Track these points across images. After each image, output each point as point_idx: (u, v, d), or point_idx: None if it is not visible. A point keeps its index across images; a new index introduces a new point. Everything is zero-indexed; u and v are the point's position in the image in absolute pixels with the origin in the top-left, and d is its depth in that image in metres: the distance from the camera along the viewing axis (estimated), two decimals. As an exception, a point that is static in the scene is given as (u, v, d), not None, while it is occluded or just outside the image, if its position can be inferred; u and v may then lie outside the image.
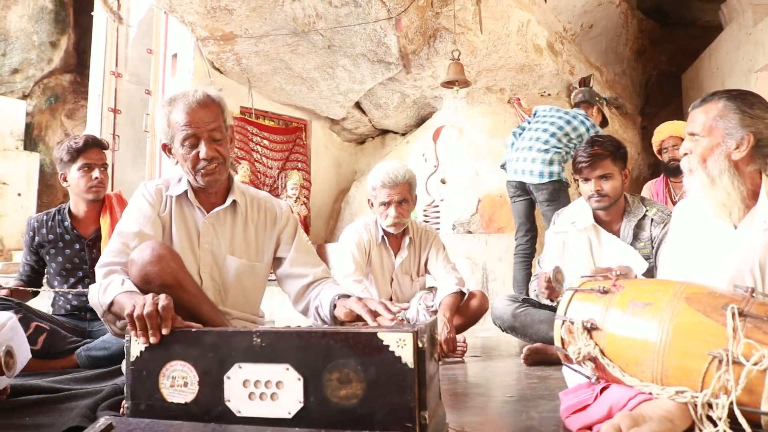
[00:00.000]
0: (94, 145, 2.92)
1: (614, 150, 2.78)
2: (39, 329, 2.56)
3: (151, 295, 1.50)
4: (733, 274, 1.66)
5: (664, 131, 4.36)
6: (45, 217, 2.99)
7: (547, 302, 2.77)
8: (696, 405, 1.47)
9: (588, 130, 4.52)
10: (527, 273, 4.42)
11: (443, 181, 6.14)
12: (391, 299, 3.32)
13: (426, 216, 5.78)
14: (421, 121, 7.07)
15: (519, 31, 6.28)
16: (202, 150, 1.98)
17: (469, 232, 5.69)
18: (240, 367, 1.40)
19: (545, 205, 4.32)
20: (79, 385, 2.26)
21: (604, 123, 4.93)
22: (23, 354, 2.03)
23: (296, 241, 2.19)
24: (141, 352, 1.46)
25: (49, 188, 10.69)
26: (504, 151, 4.80)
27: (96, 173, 2.89)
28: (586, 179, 2.76)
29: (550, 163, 4.33)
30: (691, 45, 7.81)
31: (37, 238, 2.95)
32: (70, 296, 2.88)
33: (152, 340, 1.42)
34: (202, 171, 2.00)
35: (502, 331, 3.09)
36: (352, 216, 6.91)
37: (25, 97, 10.96)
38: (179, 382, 1.44)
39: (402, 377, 1.30)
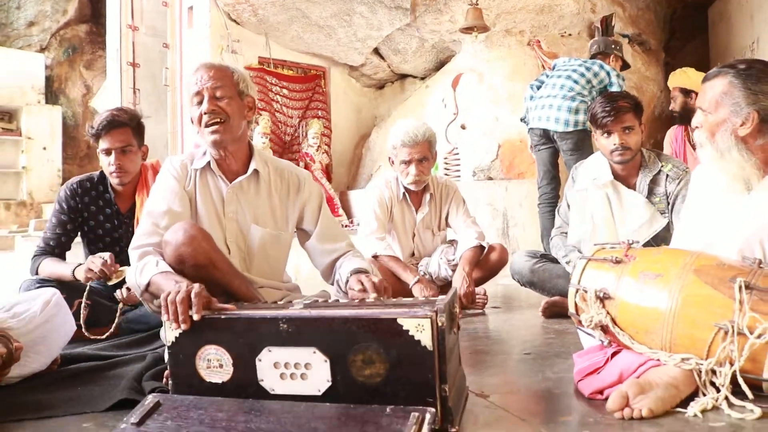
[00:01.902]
0: (109, 127, 2.71)
1: (634, 103, 2.80)
2: (81, 306, 2.65)
3: (185, 282, 1.60)
4: (743, 244, 1.71)
5: (670, 81, 4.38)
6: (88, 184, 2.84)
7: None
8: (700, 372, 1.56)
9: (608, 73, 4.50)
10: (554, 221, 4.46)
11: (463, 127, 6.14)
12: (413, 254, 3.43)
13: (447, 163, 5.82)
14: (440, 65, 7.01)
15: (538, -30, 6.15)
16: (204, 105, 2.05)
17: (490, 179, 5.73)
18: (270, 351, 1.50)
19: (569, 154, 4.31)
20: (122, 351, 2.40)
21: (625, 66, 4.88)
22: (68, 329, 2.17)
23: (322, 216, 2.26)
24: (176, 337, 1.56)
25: (72, 140, 10.85)
26: (523, 103, 4.76)
27: (112, 158, 2.73)
28: (609, 132, 2.77)
29: (576, 111, 4.28)
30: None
31: (79, 205, 2.81)
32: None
33: (183, 326, 1.52)
34: (206, 128, 2.07)
35: (521, 285, 3.18)
36: (374, 162, 6.97)
37: (42, 50, 11.01)
38: (215, 363, 1.55)
39: (422, 358, 1.40)
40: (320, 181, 6.37)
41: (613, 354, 1.78)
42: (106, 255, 2.60)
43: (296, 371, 1.50)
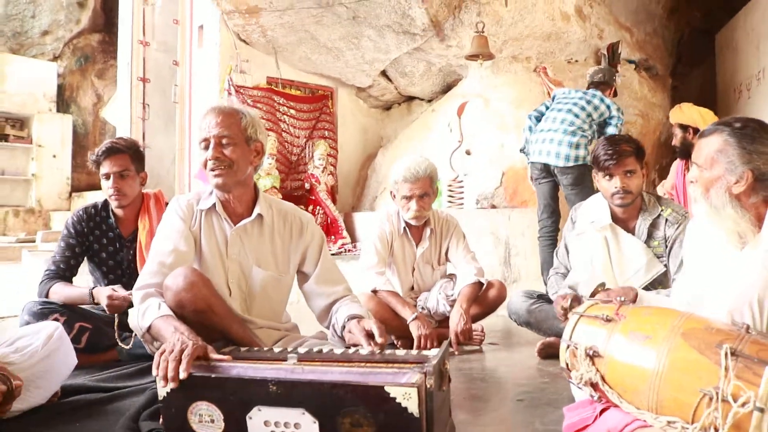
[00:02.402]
0: (108, 153, 2.92)
1: (636, 148, 2.82)
2: (82, 329, 2.72)
3: (183, 336, 1.64)
4: (733, 304, 1.74)
5: (671, 117, 4.42)
6: (93, 210, 3.02)
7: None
8: (686, 436, 1.59)
9: (609, 107, 4.58)
10: (552, 254, 4.48)
11: (468, 152, 6.18)
12: (412, 288, 3.46)
13: (451, 191, 5.85)
14: (447, 88, 7.07)
15: (546, -1, 6.20)
16: (209, 152, 2.12)
17: (493, 206, 5.76)
18: (260, 410, 1.53)
19: (569, 189, 4.37)
20: (122, 383, 2.45)
21: (614, 95, 5.00)
22: (69, 362, 2.21)
23: (322, 259, 2.31)
24: (167, 392, 1.59)
25: (82, 149, 10.93)
26: (522, 133, 4.81)
27: (111, 182, 2.91)
28: (611, 175, 2.79)
29: (577, 146, 4.36)
30: (728, 1, 7.52)
31: (85, 230, 2.96)
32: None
33: (171, 384, 1.56)
34: (211, 172, 2.14)
35: (518, 325, 3.21)
36: (379, 183, 7.01)
37: (55, 58, 11.12)
38: (206, 419, 1.59)
39: (408, 425, 1.42)
40: (325, 203, 6.41)
41: (603, 410, 1.81)
42: (124, 292, 2.67)
43: (286, 430, 1.53)
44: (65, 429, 1.95)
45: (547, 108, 4.71)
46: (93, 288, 2.77)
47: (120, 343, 2.74)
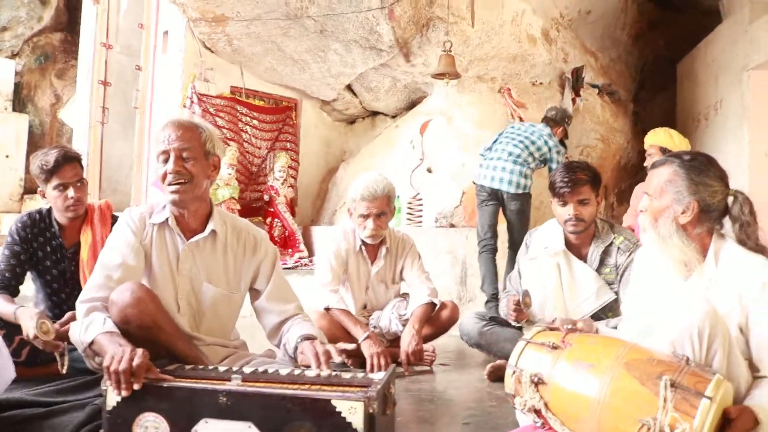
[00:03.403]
0: (65, 162, 2.79)
1: (592, 177, 2.87)
2: (23, 342, 2.63)
3: (129, 349, 1.62)
4: (675, 336, 1.77)
5: (647, 139, 4.51)
6: (37, 216, 2.92)
7: (514, 323, 2.90)
8: (625, 464, 1.61)
9: (550, 149, 4.79)
10: (495, 267, 4.64)
11: (429, 170, 6.21)
12: (365, 306, 3.45)
13: (410, 208, 5.86)
14: (411, 105, 7.10)
15: (513, 21, 6.29)
16: (169, 165, 2.08)
17: (452, 225, 5.79)
18: (206, 422, 1.54)
19: (515, 214, 4.60)
20: (62, 397, 2.36)
21: (565, 137, 5.24)
22: (6, 375, 2.14)
23: (274, 276, 2.29)
24: (117, 402, 1.59)
25: (37, 149, 10.58)
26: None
27: (71, 192, 2.80)
28: (565, 203, 2.84)
29: (525, 176, 4.61)
30: (691, 30, 7.68)
31: (29, 236, 2.87)
32: (50, 303, 2.93)
33: (124, 393, 1.56)
34: (168, 186, 2.10)
35: (469, 346, 3.23)
36: (339, 197, 6.99)
37: (13, 56, 10.84)
38: (151, 431, 1.57)
39: (352, 441, 1.43)
40: (283, 215, 6.37)
41: (545, 437, 1.82)
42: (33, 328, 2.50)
43: None
44: (-2, 446, 1.89)
45: (497, 141, 4.92)
46: (18, 308, 2.61)
47: (58, 358, 2.63)
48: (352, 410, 1.46)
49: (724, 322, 1.75)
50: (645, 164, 4.56)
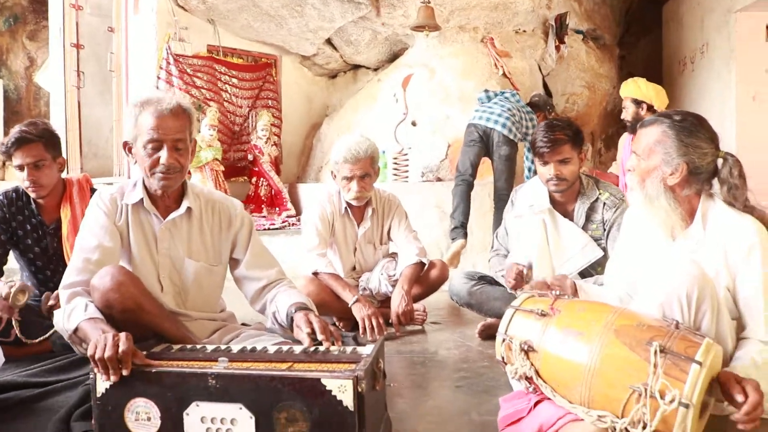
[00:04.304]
0: (18, 144, 2.72)
1: (573, 135, 2.82)
2: (10, 322, 2.62)
3: (111, 335, 1.59)
4: (664, 299, 1.76)
5: (622, 90, 4.50)
6: (14, 195, 2.87)
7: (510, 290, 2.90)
8: (615, 429, 1.62)
9: (534, 126, 4.88)
10: (468, 200, 4.71)
11: (414, 123, 6.14)
12: (354, 268, 3.43)
13: (396, 164, 5.81)
14: (393, 57, 6.97)
15: (494, -33, 6.14)
16: (163, 156, 2.03)
17: (439, 179, 5.76)
18: (197, 405, 1.54)
19: (503, 160, 4.64)
20: (54, 377, 2.35)
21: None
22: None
23: (251, 244, 2.27)
24: (106, 389, 1.57)
25: (15, 115, 10.46)
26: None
27: (26, 174, 2.74)
28: (546, 163, 2.82)
29: (516, 128, 4.72)
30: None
31: (7, 215, 2.83)
32: (36, 282, 2.90)
33: (113, 379, 1.54)
34: (159, 175, 2.06)
35: (459, 306, 3.23)
36: (324, 154, 6.92)
37: (-19, 19, 10.53)
38: (143, 417, 1.58)
39: (343, 419, 1.45)
40: (268, 174, 6.30)
41: (537, 402, 1.83)
42: (3, 288, 2.53)
43: (222, 426, 1.54)
44: (-7, 430, 1.88)
45: (495, 95, 5.05)
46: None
47: (24, 341, 2.61)
48: (342, 388, 1.46)
49: (712, 284, 1.74)
50: (622, 116, 4.56)
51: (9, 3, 10.87)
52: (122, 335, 1.59)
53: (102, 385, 1.58)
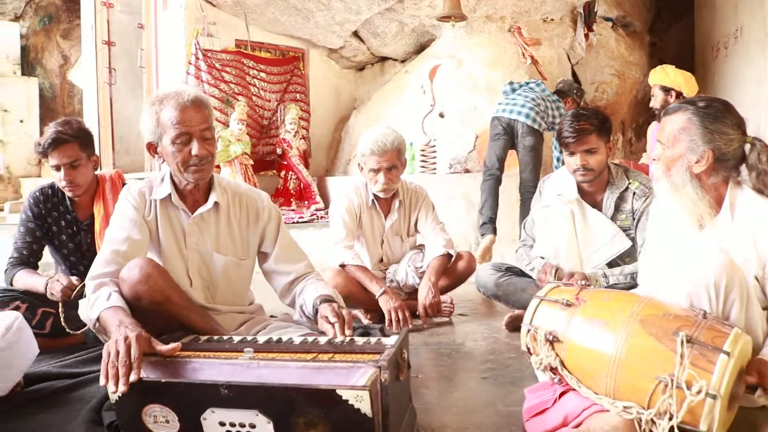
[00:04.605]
0: (56, 145, 2.75)
1: (600, 124, 2.79)
2: (46, 314, 2.68)
3: (123, 338, 1.55)
4: (690, 290, 1.74)
5: (651, 78, 4.44)
6: (50, 191, 2.91)
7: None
8: (641, 421, 1.60)
9: (562, 116, 4.82)
10: (496, 195, 4.74)
11: (441, 115, 6.12)
12: (381, 260, 3.44)
13: (424, 156, 5.79)
14: (420, 48, 6.95)
15: (521, -45, 6.08)
16: (195, 148, 2.05)
17: (467, 171, 5.73)
18: (213, 412, 1.50)
19: (528, 150, 4.65)
20: (88, 367, 2.41)
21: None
22: (30, 353, 2.17)
23: (280, 238, 2.29)
24: (119, 397, 1.54)
25: (50, 113, 10.66)
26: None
27: (62, 174, 2.78)
28: (572, 153, 2.79)
29: (542, 118, 4.72)
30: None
31: (43, 212, 2.88)
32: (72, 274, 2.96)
33: (122, 389, 1.48)
34: (192, 168, 2.08)
35: (486, 297, 3.22)
36: (352, 147, 6.93)
37: (17, 18, 10.73)
38: (161, 420, 1.55)
39: (362, 425, 1.41)
40: (297, 167, 6.34)
41: (562, 393, 1.82)
42: (65, 280, 2.60)
43: (242, 429, 1.51)
44: (29, 420, 1.93)
45: (520, 86, 5.04)
46: (49, 279, 2.66)
47: (68, 330, 2.67)
48: (359, 398, 1.41)
49: (741, 272, 1.71)
50: (651, 105, 4.51)
51: (44, 3, 11.06)
52: (133, 338, 1.55)
53: (113, 395, 1.53)
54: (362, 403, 1.40)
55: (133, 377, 1.49)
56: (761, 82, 5.67)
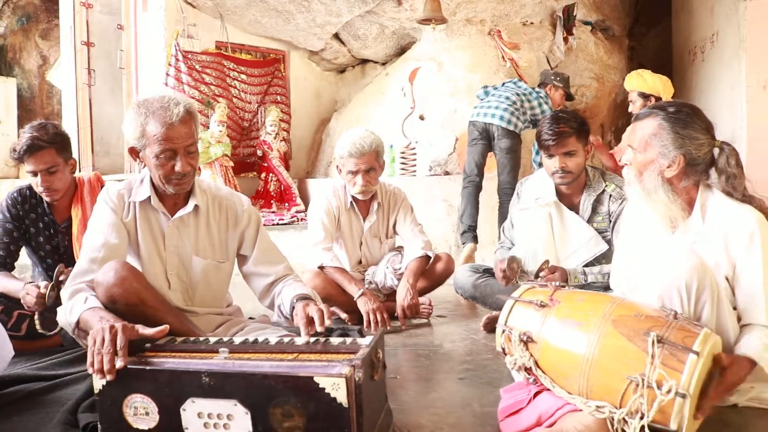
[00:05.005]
0: (31, 151, 2.70)
1: (578, 127, 2.82)
2: (22, 316, 2.66)
3: (109, 327, 1.59)
4: (662, 291, 1.76)
5: (627, 83, 4.47)
6: (28, 192, 2.88)
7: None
8: (613, 420, 1.62)
9: (543, 112, 4.83)
10: (476, 201, 4.75)
11: (422, 117, 6.14)
12: (360, 262, 3.45)
13: (404, 158, 5.81)
14: (401, 51, 6.96)
15: (501, -41, 6.11)
16: (178, 164, 2.05)
17: (447, 173, 5.75)
18: (193, 402, 1.54)
19: (504, 153, 4.62)
20: (64, 370, 2.40)
21: (569, 98, 5.33)
22: (5, 355, 2.15)
23: (259, 240, 2.29)
24: (103, 386, 1.59)
25: (29, 113, 10.54)
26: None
27: (39, 180, 2.75)
28: (551, 155, 2.82)
29: (517, 118, 4.66)
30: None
31: (20, 213, 2.85)
32: (47, 278, 2.93)
33: (109, 376, 1.53)
34: (174, 181, 2.09)
35: (464, 299, 3.24)
36: (333, 149, 6.88)
37: (-6, 18, 10.62)
38: (141, 411, 1.59)
39: (338, 414, 1.45)
40: (278, 169, 6.33)
41: (537, 393, 1.84)
42: (34, 291, 2.54)
43: (219, 421, 1.55)
44: (3, 423, 1.92)
45: (495, 89, 5.00)
46: (25, 285, 2.62)
47: (42, 332, 2.64)
48: (335, 386, 1.45)
49: (712, 274, 1.74)
50: (630, 110, 4.55)
51: (22, 2, 10.93)
52: (119, 327, 1.59)
53: (98, 382, 1.59)
54: (338, 391, 1.44)
55: (119, 364, 1.52)
56: (736, 86, 5.75)
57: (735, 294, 1.87)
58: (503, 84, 5.05)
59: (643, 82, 4.37)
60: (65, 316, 1.88)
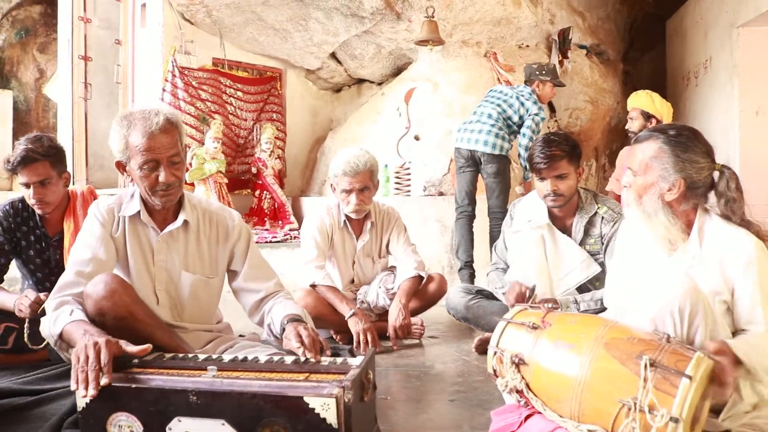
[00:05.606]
0: (24, 163, 2.70)
1: (570, 150, 2.83)
2: (8, 329, 2.62)
3: (93, 343, 1.57)
4: (655, 314, 1.75)
5: (629, 102, 4.48)
6: (20, 205, 2.86)
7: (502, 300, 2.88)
8: (605, 444, 1.61)
9: (528, 110, 4.66)
10: (471, 234, 4.65)
11: (417, 138, 6.15)
12: (353, 281, 3.43)
13: (398, 178, 5.82)
14: (397, 71, 7.00)
15: (497, -17, 6.17)
16: (162, 175, 2.03)
17: (441, 194, 5.76)
18: (180, 421, 1.52)
19: (492, 177, 4.52)
20: (50, 384, 2.36)
21: (559, 85, 5.09)
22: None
23: (249, 256, 2.27)
24: (87, 403, 1.56)
25: (24, 126, 10.52)
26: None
27: (31, 192, 2.74)
28: (543, 178, 2.82)
29: (503, 138, 4.53)
30: (680, -14, 7.56)
31: (12, 225, 2.83)
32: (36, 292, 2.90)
33: (92, 392, 1.51)
34: (160, 192, 2.07)
35: (456, 320, 3.22)
36: (328, 167, 6.87)
37: (-7, 31, 10.64)
38: (126, 430, 1.56)
39: (328, 435, 1.42)
40: (272, 187, 6.32)
41: (528, 416, 1.82)
42: (32, 295, 2.52)
43: None
44: (-18, 439, 1.88)
45: (480, 105, 4.86)
46: (26, 290, 2.62)
47: (30, 346, 2.61)
48: (325, 406, 1.44)
49: (705, 298, 1.74)
50: (627, 127, 4.54)
51: (21, 16, 10.97)
52: (102, 342, 1.57)
53: (82, 400, 1.56)
54: (328, 411, 1.42)
55: (103, 381, 1.51)
56: (729, 112, 5.80)
57: (733, 318, 1.87)
58: (485, 97, 4.87)
59: (650, 102, 4.37)
60: (49, 327, 1.86)
